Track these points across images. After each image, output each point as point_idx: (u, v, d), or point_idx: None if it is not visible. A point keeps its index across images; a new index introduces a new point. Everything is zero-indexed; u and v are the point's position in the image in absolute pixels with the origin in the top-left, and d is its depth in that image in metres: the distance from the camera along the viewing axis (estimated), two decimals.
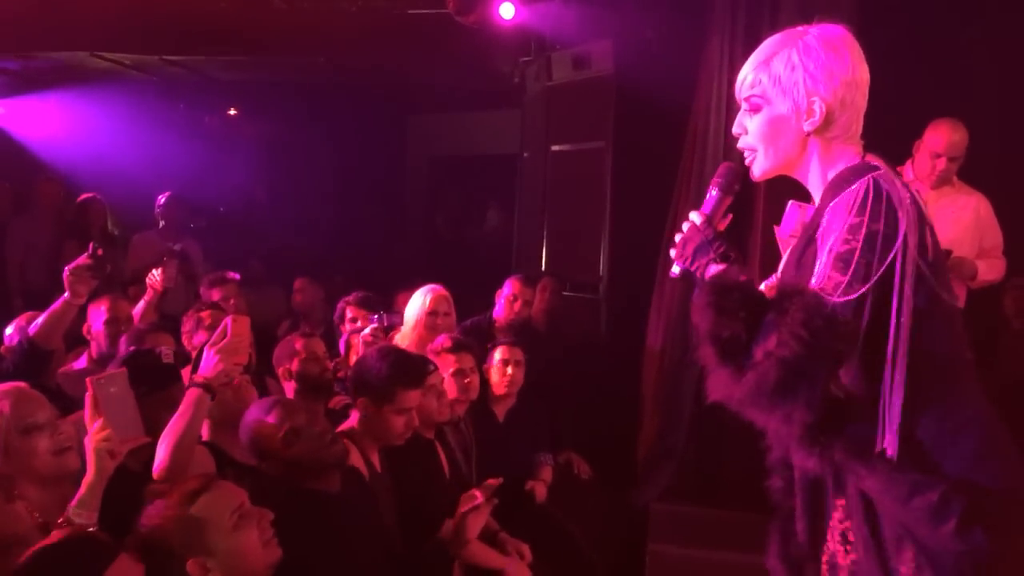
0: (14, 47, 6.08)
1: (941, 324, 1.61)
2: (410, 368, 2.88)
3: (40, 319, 3.16)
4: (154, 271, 4.20)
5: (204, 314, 3.79)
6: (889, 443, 1.54)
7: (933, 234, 1.64)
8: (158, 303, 4.28)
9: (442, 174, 7.06)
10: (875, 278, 1.53)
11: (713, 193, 1.86)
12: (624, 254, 5.42)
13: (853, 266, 1.53)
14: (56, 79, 6.85)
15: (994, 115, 4.27)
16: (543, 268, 5.92)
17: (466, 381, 3.46)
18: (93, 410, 2.18)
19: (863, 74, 1.71)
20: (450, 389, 3.35)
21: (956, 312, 1.67)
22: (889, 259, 1.53)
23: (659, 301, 4.78)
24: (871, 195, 1.56)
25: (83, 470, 2.16)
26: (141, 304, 4.13)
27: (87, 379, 2.23)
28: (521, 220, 6.70)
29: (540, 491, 3.73)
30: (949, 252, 3.62)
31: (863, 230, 1.54)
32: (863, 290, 1.53)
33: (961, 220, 3.76)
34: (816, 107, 1.69)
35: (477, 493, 2.48)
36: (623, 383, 4.94)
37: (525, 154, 6.58)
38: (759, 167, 1.77)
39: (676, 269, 1.83)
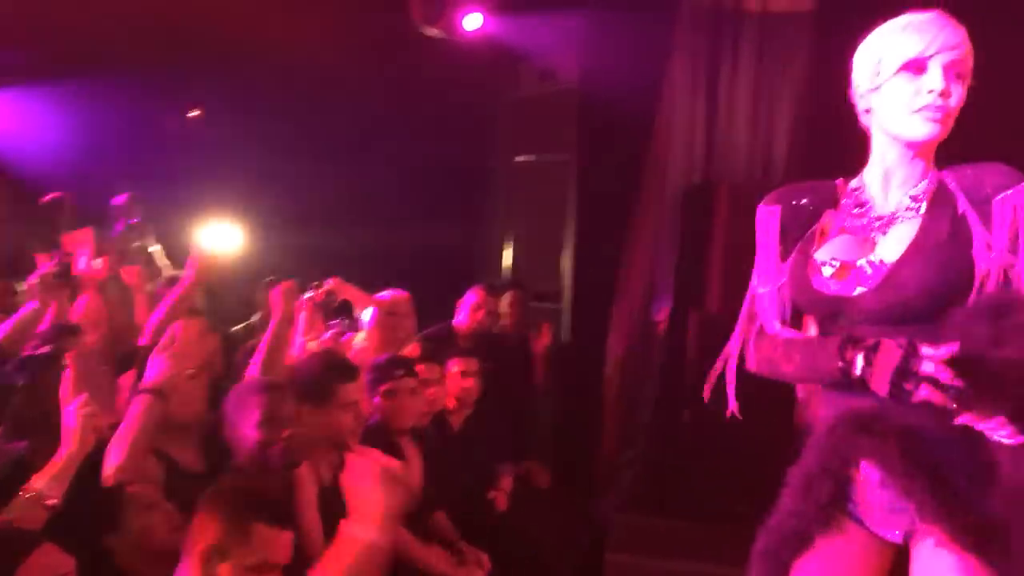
0: None
1: None
2: (342, 362, 2.92)
3: (6, 325, 3.12)
4: (96, 260, 4.05)
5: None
6: None
7: None
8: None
9: (407, 182, 7.04)
10: None
11: None
12: (587, 264, 5.47)
13: None
14: (10, 76, 6.71)
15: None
16: (506, 277, 5.94)
17: (431, 391, 3.46)
18: (75, 385, 2.19)
19: None
20: None
21: None
22: None
23: (620, 311, 4.83)
24: None
25: None
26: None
27: (67, 355, 2.24)
28: (484, 229, 6.72)
29: (501, 500, 3.74)
30: None
31: None
32: None
33: None
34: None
35: None
36: (585, 393, 4.96)
37: (490, 164, 6.61)
38: (942, 132, 1.67)
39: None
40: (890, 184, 1.72)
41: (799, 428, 3.97)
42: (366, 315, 3.91)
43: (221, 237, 6.87)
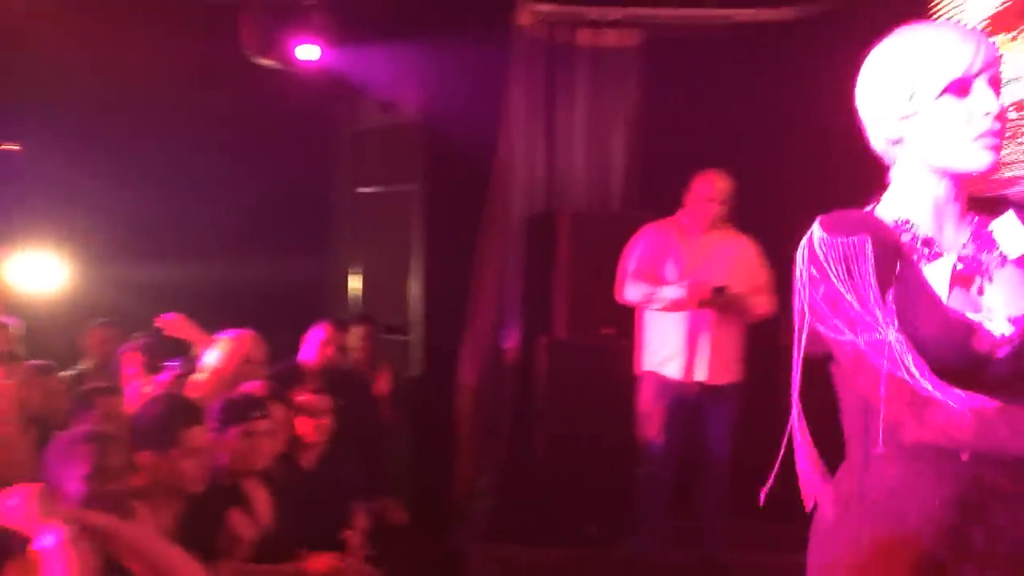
0: None
1: None
2: (186, 406, 2.83)
3: None
4: None
5: None
6: None
7: None
8: None
9: (247, 215, 6.87)
10: None
11: None
12: (436, 295, 5.48)
13: None
14: None
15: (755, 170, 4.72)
16: (352, 311, 5.88)
17: (281, 432, 3.37)
18: None
19: None
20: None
21: None
22: None
23: (470, 341, 4.86)
24: None
25: None
26: None
27: None
28: (329, 262, 6.63)
29: (355, 540, 3.67)
30: (724, 288, 3.95)
31: None
32: None
33: (734, 259, 4.10)
34: None
35: None
36: (438, 425, 4.96)
37: (333, 196, 6.54)
38: (1000, 161, 1.46)
39: None
40: (944, 222, 1.48)
41: (642, 445, 4.12)
42: (210, 355, 3.76)
43: (43, 274, 6.49)
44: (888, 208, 1.49)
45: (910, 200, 1.49)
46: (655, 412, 4.07)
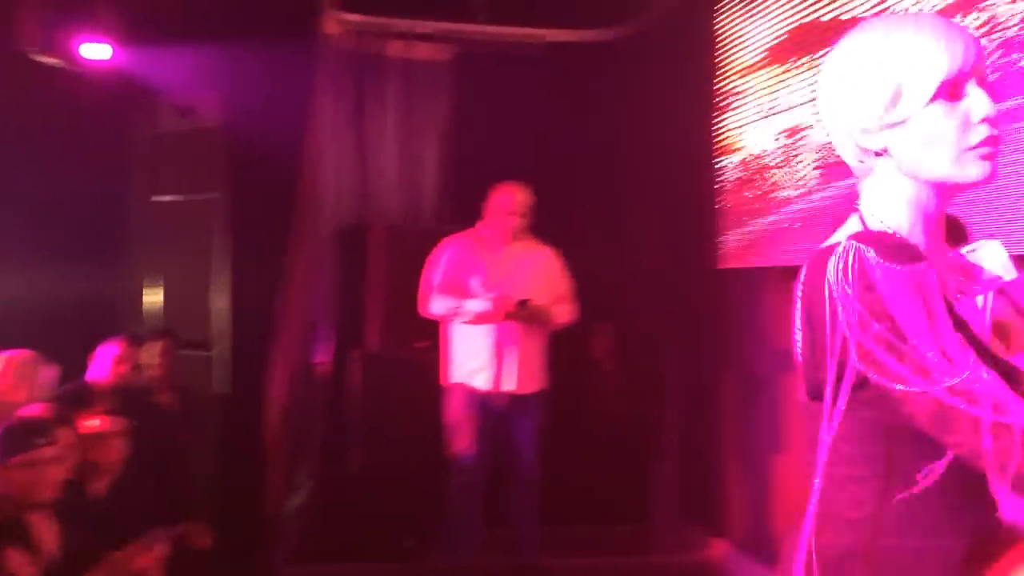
0: None
1: None
2: None
3: None
4: None
5: None
6: None
7: None
8: None
9: (30, 224, 6.38)
10: None
11: None
12: (241, 308, 5.30)
13: None
14: None
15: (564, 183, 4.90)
16: (149, 326, 5.58)
17: (69, 458, 3.14)
18: None
19: None
20: None
21: None
22: None
23: (280, 355, 4.73)
24: None
25: None
26: None
27: None
28: (123, 275, 6.26)
29: (152, 569, 3.48)
30: (527, 300, 4.07)
31: None
32: None
33: (537, 270, 4.23)
34: None
35: None
36: (245, 442, 4.79)
37: (127, 204, 6.19)
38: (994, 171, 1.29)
39: None
40: (937, 243, 1.31)
41: (453, 456, 4.15)
42: None
43: None
44: (878, 227, 1.28)
45: (899, 217, 1.29)
46: (464, 423, 4.12)
